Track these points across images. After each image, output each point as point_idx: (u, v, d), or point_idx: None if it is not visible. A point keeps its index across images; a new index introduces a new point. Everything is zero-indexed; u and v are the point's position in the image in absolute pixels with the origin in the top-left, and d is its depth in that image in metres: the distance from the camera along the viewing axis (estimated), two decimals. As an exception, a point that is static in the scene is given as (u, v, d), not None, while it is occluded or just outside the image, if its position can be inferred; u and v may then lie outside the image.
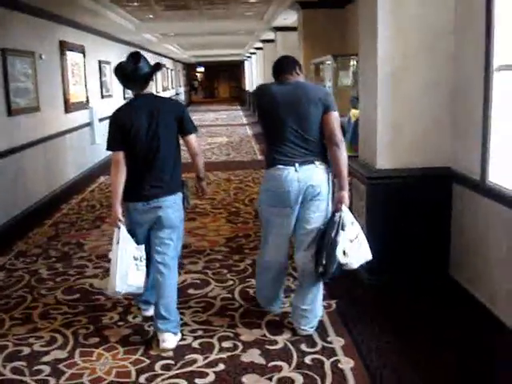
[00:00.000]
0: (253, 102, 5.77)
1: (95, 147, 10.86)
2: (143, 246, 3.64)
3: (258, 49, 18.69)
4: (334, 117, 3.44)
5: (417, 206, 4.34)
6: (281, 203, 3.51)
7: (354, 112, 6.12)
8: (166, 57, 23.72)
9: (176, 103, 3.93)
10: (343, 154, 3.45)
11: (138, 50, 3.77)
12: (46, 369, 3.40)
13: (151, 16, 10.66)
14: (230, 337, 3.72)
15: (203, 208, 7.33)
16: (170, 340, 3.57)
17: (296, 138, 3.44)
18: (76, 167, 9.58)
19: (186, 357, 3.48)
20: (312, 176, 3.44)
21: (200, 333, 3.79)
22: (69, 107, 9.25)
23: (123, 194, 3.54)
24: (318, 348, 3.53)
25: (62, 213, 7.40)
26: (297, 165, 3.43)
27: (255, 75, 21.30)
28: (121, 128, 3.50)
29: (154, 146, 3.49)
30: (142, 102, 3.56)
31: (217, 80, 42.95)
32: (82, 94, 10.19)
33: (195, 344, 3.63)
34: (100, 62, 11.71)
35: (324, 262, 3.40)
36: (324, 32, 8.04)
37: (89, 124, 10.61)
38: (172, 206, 3.61)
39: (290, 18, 10.08)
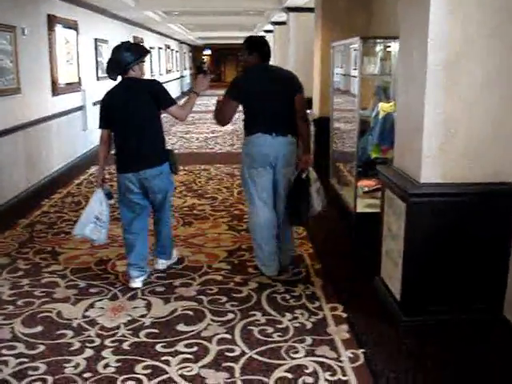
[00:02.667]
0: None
1: (87, 133, 9.92)
2: (107, 210, 4.28)
3: (267, 31, 17.64)
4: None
5: (470, 231, 3.41)
6: None
7: (383, 106, 5.16)
8: (170, 38, 22.68)
9: (150, 81, 4.39)
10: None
11: (125, 41, 4.26)
12: None
13: (152, -10, 9.69)
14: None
15: (202, 209, 6.41)
16: (164, 263, 4.60)
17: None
18: (63, 156, 8.63)
19: None
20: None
21: (188, 397, 2.89)
22: (56, 89, 8.29)
23: (116, 166, 4.19)
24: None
25: (42, 210, 6.48)
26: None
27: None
28: (105, 109, 4.12)
29: (132, 124, 4.04)
30: (122, 84, 4.10)
31: (224, 63, 41.85)
32: (73, 75, 9.22)
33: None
34: (96, 40, 10.74)
35: (301, 210, 4.28)
36: (345, 12, 7.06)
37: (81, 108, 9.65)
38: (158, 176, 4.12)
39: (306, -4, 9.11)
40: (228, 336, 3.48)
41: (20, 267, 4.70)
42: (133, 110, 4.02)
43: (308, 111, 8.34)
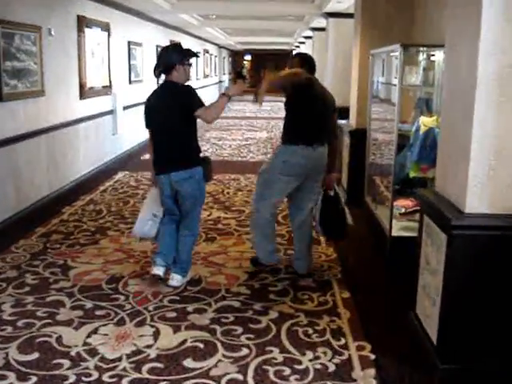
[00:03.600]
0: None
1: (116, 138, 9.69)
2: (161, 208, 4.35)
3: (307, 38, 17.25)
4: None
5: (521, 270, 2.96)
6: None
7: (424, 120, 4.72)
8: (209, 42, 22.46)
9: (185, 87, 4.15)
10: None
11: (175, 42, 4.14)
12: None
13: (187, -7, 9.40)
14: None
15: (227, 224, 6.05)
16: (177, 279, 4.33)
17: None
18: (90, 161, 8.39)
19: None
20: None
21: None
22: (85, 92, 8.06)
23: (153, 167, 4.33)
24: None
25: (60, 219, 6.21)
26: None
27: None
28: (146, 110, 4.26)
29: (164, 127, 4.14)
30: (161, 87, 4.20)
31: (263, 69, 41.61)
32: (103, 78, 8.99)
33: None
34: (129, 42, 10.51)
35: (338, 226, 4.54)
36: (386, 18, 6.61)
37: (111, 112, 9.41)
38: (187, 180, 4.15)
39: (346, 0, 8.67)
40: (239, 377, 3.09)
41: (27, 282, 4.41)
42: (165, 114, 4.11)
43: (344, 121, 7.97)
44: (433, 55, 5.35)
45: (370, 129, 6.18)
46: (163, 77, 4.18)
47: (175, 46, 4.38)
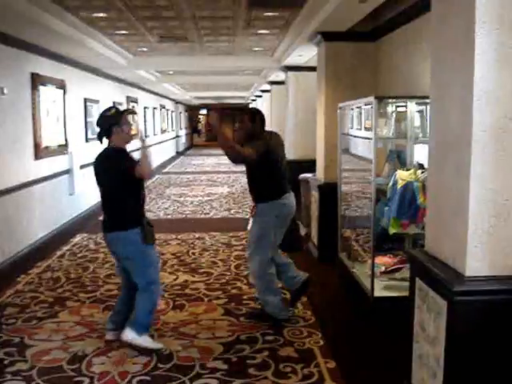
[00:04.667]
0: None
1: (74, 198, 9.26)
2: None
3: (264, 91, 17.30)
4: None
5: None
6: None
7: (401, 174, 4.53)
8: (166, 97, 22.37)
9: (115, 152, 4.18)
10: None
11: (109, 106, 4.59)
12: None
13: (145, 49, 9.20)
14: None
15: (195, 288, 5.69)
16: (126, 334, 4.13)
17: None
18: (46, 224, 7.93)
19: None
20: None
21: None
22: (40, 152, 7.68)
23: None
24: None
25: (16, 289, 5.74)
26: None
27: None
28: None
29: (102, 189, 4.24)
30: (101, 152, 4.25)
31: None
32: (59, 137, 8.63)
33: None
34: (86, 99, 10.22)
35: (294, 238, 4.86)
36: (351, 70, 6.54)
37: (67, 171, 9.02)
38: (119, 242, 4.15)
39: (306, 54, 8.61)
40: None
41: (-22, 366, 3.95)
42: (102, 177, 4.20)
43: (309, 175, 7.80)
44: (402, 106, 5.23)
45: (340, 182, 6.00)
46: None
47: (110, 109, 4.33)
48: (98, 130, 4.24)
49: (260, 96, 19.22)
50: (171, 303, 5.23)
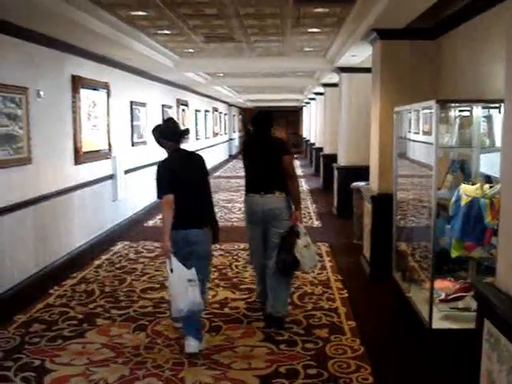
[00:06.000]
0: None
1: (117, 205, 8.98)
2: (194, 270, 4.10)
3: (318, 94, 16.73)
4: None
5: None
6: None
7: (466, 189, 3.96)
8: (218, 100, 22.09)
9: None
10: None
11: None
12: None
13: (191, 50, 8.83)
14: None
15: (235, 307, 5.26)
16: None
17: None
18: (85, 232, 7.65)
19: None
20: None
21: None
22: (80, 157, 7.41)
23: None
24: None
25: (46, 303, 5.44)
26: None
27: (314, 122, 19.26)
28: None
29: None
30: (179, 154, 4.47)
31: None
32: (102, 141, 8.36)
33: None
34: (132, 102, 9.95)
35: (284, 257, 4.64)
36: (409, 71, 5.96)
37: (111, 177, 8.75)
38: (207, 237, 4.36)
39: (360, 54, 8.07)
40: None
41: (-9, 394, 3.63)
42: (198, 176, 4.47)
43: (362, 183, 7.26)
44: (466, 111, 4.64)
45: (396, 189, 5.45)
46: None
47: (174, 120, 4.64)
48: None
49: (314, 99, 18.67)
50: (207, 324, 4.80)
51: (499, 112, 3.93)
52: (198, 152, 4.76)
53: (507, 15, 4.26)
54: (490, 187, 3.87)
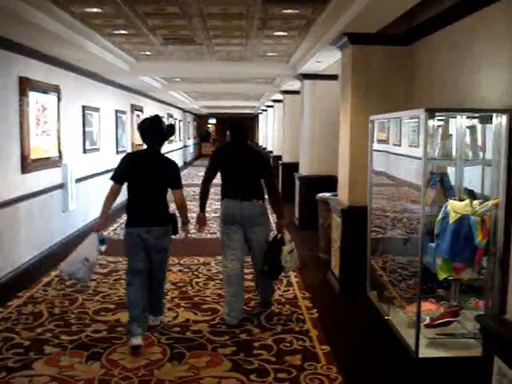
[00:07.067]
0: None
1: (67, 215, 8.42)
2: (97, 254, 4.59)
3: (276, 101, 16.44)
4: None
5: None
6: None
7: (454, 205, 3.66)
8: (173, 106, 21.58)
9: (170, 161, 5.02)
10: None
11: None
12: None
13: (148, 53, 8.38)
14: None
15: (198, 331, 4.83)
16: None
17: None
18: (33, 246, 7.09)
19: None
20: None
21: None
22: (28, 165, 6.85)
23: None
24: None
25: (-13, 328, 4.91)
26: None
27: (271, 130, 18.94)
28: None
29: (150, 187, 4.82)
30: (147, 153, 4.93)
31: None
32: (52, 148, 7.81)
33: None
34: (84, 107, 9.40)
35: (270, 266, 5.00)
36: (382, 78, 5.67)
37: (61, 186, 8.19)
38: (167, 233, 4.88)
39: (326, 60, 7.78)
40: None
41: None
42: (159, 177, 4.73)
43: (328, 194, 6.95)
44: (443, 121, 4.35)
45: (370, 207, 5.14)
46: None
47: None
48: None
49: (271, 106, 18.37)
50: (168, 351, 4.37)
51: (490, 123, 3.64)
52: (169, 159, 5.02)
53: (491, 21, 4.00)
54: (480, 204, 3.58)
